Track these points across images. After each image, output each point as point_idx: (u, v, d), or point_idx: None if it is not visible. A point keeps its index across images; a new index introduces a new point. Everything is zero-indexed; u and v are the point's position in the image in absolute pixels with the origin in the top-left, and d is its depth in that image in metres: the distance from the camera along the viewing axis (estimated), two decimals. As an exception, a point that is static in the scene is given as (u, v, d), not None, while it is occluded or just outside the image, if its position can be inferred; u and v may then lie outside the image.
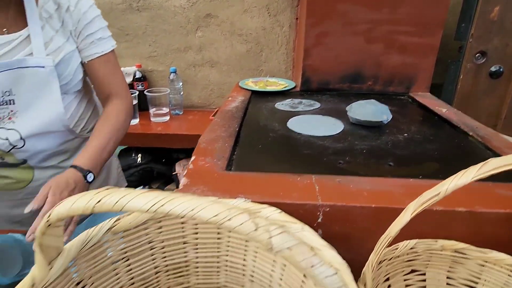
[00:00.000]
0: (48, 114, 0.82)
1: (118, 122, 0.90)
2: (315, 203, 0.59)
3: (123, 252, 0.53)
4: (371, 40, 1.35)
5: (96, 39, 0.87)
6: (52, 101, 0.82)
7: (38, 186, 0.85)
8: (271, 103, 1.23)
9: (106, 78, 0.91)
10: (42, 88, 0.80)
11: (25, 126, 0.79)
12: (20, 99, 0.78)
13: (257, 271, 0.57)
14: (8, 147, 0.79)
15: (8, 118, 0.78)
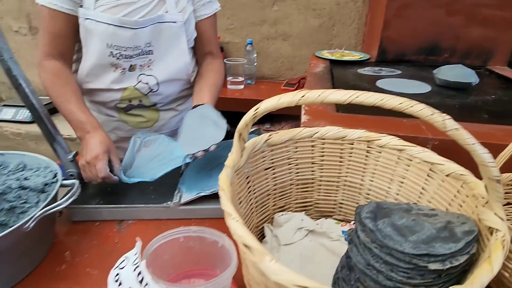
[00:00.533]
0: (177, 63, 0.96)
1: (221, 75, 1.05)
2: (426, 137, 0.69)
3: (271, 162, 0.66)
4: (452, 13, 1.39)
5: (206, 1, 0.97)
6: (181, 52, 0.95)
7: (161, 125, 1.04)
8: (353, 70, 1.32)
9: (210, 37, 1.02)
10: (174, 40, 0.93)
11: (160, 73, 0.94)
12: (157, 50, 0.92)
13: (373, 189, 0.68)
14: (147, 90, 0.95)
15: (147, 66, 0.93)
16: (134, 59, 0.91)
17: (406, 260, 0.43)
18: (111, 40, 0.85)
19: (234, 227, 0.40)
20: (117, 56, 0.88)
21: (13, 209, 0.62)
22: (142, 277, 0.44)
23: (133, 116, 1.01)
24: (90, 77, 0.92)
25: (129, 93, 0.95)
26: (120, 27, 0.84)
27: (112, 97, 0.96)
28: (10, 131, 2.08)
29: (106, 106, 1.00)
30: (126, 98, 0.96)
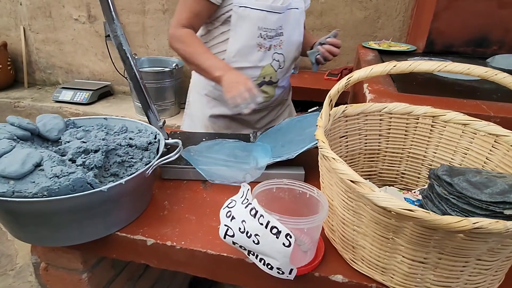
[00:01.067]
0: (297, 42, 1.15)
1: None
2: (488, 114, 0.75)
3: (345, 132, 0.74)
4: (503, 5, 1.41)
5: None
6: (300, 33, 1.14)
7: (273, 100, 1.22)
8: (402, 59, 1.37)
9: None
10: (296, 23, 1.12)
11: (287, 51, 1.13)
12: (285, 32, 1.10)
13: (436, 160, 0.75)
14: (277, 67, 1.13)
15: (279, 46, 1.11)
16: (273, 39, 1.08)
17: (483, 207, 0.50)
18: (262, 23, 1.03)
19: (342, 168, 0.48)
20: (264, 37, 1.06)
21: (122, 163, 0.73)
22: (255, 211, 0.53)
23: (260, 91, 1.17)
24: (237, 56, 1.08)
25: (265, 70, 1.12)
26: (269, 12, 1.02)
27: (253, 74, 1.11)
28: (69, 111, 2.26)
29: None
30: (263, 74, 1.13)
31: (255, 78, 1.12)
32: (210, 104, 1.23)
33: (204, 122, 1.25)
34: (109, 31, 0.77)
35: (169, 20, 2.27)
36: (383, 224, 0.48)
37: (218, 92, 1.19)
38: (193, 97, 1.29)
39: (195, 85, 1.28)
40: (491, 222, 0.39)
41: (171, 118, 2.27)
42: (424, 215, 0.41)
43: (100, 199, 0.58)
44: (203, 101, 1.24)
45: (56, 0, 2.38)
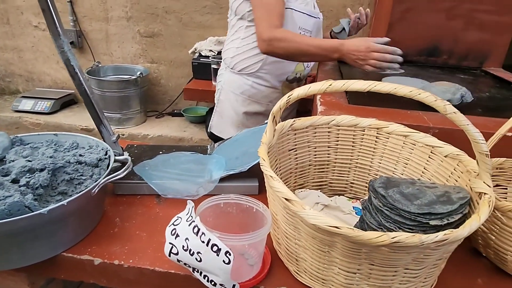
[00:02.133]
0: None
1: None
2: (428, 125, 0.79)
3: (294, 144, 0.76)
4: (451, 17, 1.49)
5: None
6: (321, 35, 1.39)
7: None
8: (359, 68, 1.42)
9: None
10: (319, 31, 1.35)
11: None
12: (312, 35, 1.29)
13: (381, 170, 0.79)
14: (306, 65, 1.35)
15: None
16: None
17: (412, 218, 0.53)
18: (302, 24, 1.21)
19: (277, 186, 0.50)
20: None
21: (71, 180, 0.72)
22: (197, 229, 0.54)
23: (289, 88, 1.31)
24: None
25: (298, 67, 1.31)
26: (308, 15, 1.22)
27: (288, 68, 1.29)
28: (30, 121, 2.18)
29: (278, 78, 1.31)
30: (296, 71, 1.31)
31: (290, 72, 1.31)
32: (245, 102, 1.35)
33: (236, 119, 1.38)
34: (56, 46, 0.76)
35: (133, 27, 2.24)
36: (318, 238, 0.50)
37: (254, 91, 1.33)
38: (225, 96, 1.39)
39: (228, 85, 1.37)
40: (408, 236, 0.42)
41: (137, 127, 2.23)
42: (348, 232, 0.43)
43: (41, 221, 0.57)
44: (238, 100, 1.35)
45: (14, 7, 2.29)
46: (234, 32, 1.32)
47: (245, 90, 1.32)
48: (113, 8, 2.19)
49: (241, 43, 1.28)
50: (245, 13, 1.23)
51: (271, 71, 1.29)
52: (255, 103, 1.34)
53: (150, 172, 0.84)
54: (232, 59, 1.32)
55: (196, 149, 0.98)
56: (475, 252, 0.68)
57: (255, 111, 1.35)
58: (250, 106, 1.34)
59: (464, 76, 1.39)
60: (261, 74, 1.29)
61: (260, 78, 1.30)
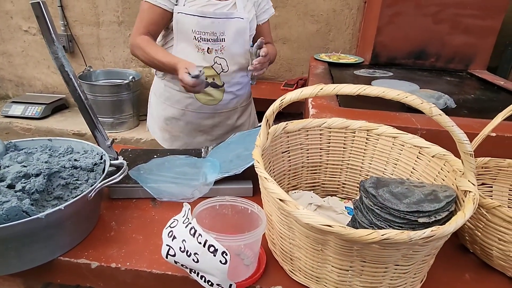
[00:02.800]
0: (242, 50, 1.23)
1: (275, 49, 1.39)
2: (416, 127, 0.82)
3: (287, 147, 0.78)
4: (438, 21, 1.54)
5: (266, 9, 1.28)
6: (245, 42, 1.22)
7: (222, 105, 1.28)
8: (349, 71, 1.45)
9: (267, 32, 1.34)
10: (240, 32, 1.20)
11: (229, 57, 1.21)
12: (228, 39, 1.18)
13: (372, 171, 0.81)
14: (220, 70, 1.20)
15: (220, 50, 1.19)
16: (211, 43, 1.18)
17: (401, 216, 0.56)
18: (195, 26, 1.15)
19: (272, 187, 0.52)
20: (199, 39, 1.16)
21: (67, 185, 0.72)
22: (194, 230, 0.55)
23: (204, 94, 1.24)
24: (180, 53, 1.17)
25: (207, 71, 1.20)
26: (200, 16, 1.14)
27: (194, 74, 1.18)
28: (20, 126, 2.16)
29: None
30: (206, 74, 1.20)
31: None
32: (162, 106, 1.31)
33: (161, 124, 1.34)
34: (50, 52, 0.76)
35: (124, 32, 2.25)
36: (312, 237, 0.52)
37: (167, 94, 1.28)
38: (152, 99, 1.38)
39: (153, 86, 1.36)
40: (397, 233, 0.44)
41: (130, 131, 2.23)
42: (340, 230, 0.45)
43: (39, 226, 0.57)
44: (157, 103, 1.33)
45: (3, 11, 2.27)
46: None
47: (160, 93, 1.31)
48: (104, 12, 2.19)
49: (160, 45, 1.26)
50: None
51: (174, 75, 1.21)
52: (170, 107, 1.29)
53: (145, 176, 0.85)
54: None
55: (190, 153, 0.99)
56: (463, 248, 0.71)
57: (171, 115, 1.30)
58: (166, 110, 1.30)
59: (451, 78, 1.43)
60: (169, 77, 1.26)
61: (170, 81, 1.26)
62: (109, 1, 2.16)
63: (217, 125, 1.33)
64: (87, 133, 2.12)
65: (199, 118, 1.30)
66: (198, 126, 1.31)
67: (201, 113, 1.29)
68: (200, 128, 1.32)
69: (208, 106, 1.27)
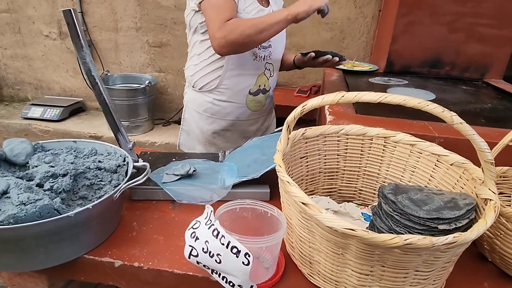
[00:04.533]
0: (281, 54, 1.33)
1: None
2: (433, 135, 0.83)
3: (305, 152, 0.80)
4: (453, 30, 1.54)
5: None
6: (283, 46, 1.32)
7: (264, 109, 1.35)
8: (364, 79, 1.46)
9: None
10: (280, 36, 1.19)
11: (274, 62, 1.28)
12: (273, 44, 1.24)
13: (389, 178, 0.82)
14: (269, 75, 1.28)
15: (268, 56, 1.24)
16: (262, 50, 1.21)
17: (421, 223, 0.56)
18: None
19: (294, 191, 0.53)
20: (259, 47, 1.19)
21: (91, 186, 0.75)
22: (217, 232, 0.57)
23: (254, 101, 1.29)
24: (235, 64, 1.19)
25: (260, 79, 1.25)
26: None
27: (249, 81, 1.24)
28: (39, 128, 2.22)
29: (239, 93, 1.25)
30: (258, 83, 1.26)
31: (252, 85, 1.25)
32: (208, 120, 1.29)
33: (202, 137, 1.32)
34: (78, 57, 0.80)
35: (141, 37, 2.30)
36: (332, 241, 0.53)
37: (216, 108, 1.26)
38: (189, 114, 1.33)
39: (191, 103, 1.31)
40: (419, 238, 0.45)
41: (145, 134, 2.27)
42: (363, 234, 0.46)
43: (68, 224, 0.59)
44: (201, 118, 1.30)
45: (26, 17, 2.35)
46: (191, 48, 1.26)
47: (207, 108, 1.27)
48: (123, 18, 2.25)
49: (198, 59, 1.22)
50: (198, 25, 1.16)
51: (230, 86, 1.22)
52: (220, 120, 1.28)
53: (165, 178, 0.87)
54: (192, 77, 1.27)
55: (208, 157, 1.01)
56: (481, 257, 0.71)
57: (221, 128, 1.29)
58: (215, 124, 1.29)
59: (466, 87, 1.42)
60: (221, 90, 1.23)
61: (221, 94, 1.23)
62: (127, 8, 2.22)
63: (258, 129, 1.38)
64: (103, 135, 2.16)
65: (247, 125, 1.33)
66: (244, 133, 1.33)
67: (249, 120, 1.32)
68: (245, 135, 1.33)
69: (254, 112, 1.31)
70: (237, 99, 1.25)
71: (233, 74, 1.20)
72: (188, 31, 1.24)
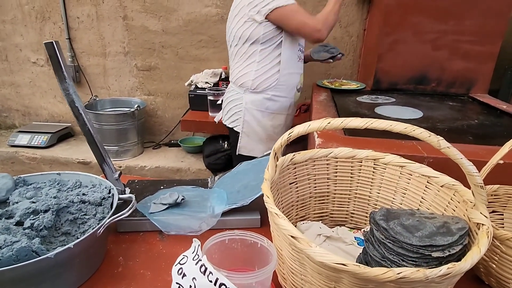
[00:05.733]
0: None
1: None
2: (422, 155, 0.82)
3: (294, 178, 0.78)
4: (437, 48, 1.57)
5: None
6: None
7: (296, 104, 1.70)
8: (352, 98, 1.47)
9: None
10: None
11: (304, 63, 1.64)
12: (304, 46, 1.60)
13: (380, 200, 0.81)
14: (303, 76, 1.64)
15: (302, 58, 1.61)
16: (302, 53, 1.59)
17: (414, 251, 0.55)
18: (301, 41, 1.55)
19: (283, 224, 0.51)
20: (301, 51, 1.58)
21: (75, 220, 0.72)
22: (204, 268, 0.54)
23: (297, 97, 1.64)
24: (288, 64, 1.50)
25: (301, 77, 1.61)
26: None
27: (297, 79, 1.57)
28: (26, 155, 2.18)
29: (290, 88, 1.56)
30: (300, 81, 1.61)
31: (298, 82, 1.58)
32: (270, 116, 1.56)
33: (264, 134, 1.57)
34: (61, 89, 0.78)
35: (130, 61, 2.30)
36: (324, 274, 0.51)
37: (276, 104, 1.54)
38: (250, 116, 1.56)
39: (252, 104, 1.54)
40: (412, 271, 0.43)
41: (135, 158, 2.24)
42: (355, 269, 0.44)
43: (47, 265, 0.57)
44: (264, 115, 1.55)
45: (13, 44, 2.34)
46: (247, 58, 1.49)
47: (269, 105, 1.53)
48: (111, 44, 2.26)
49: (259, 65, 1.47)
50: (260, 36, 1.42)
51: (286, 82, 1.52)
52: (279, 115, 1.56)
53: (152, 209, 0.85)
54: (253, 81, 1.50)
55: (197, 183, 0.99)
56: (477, 280, 0.69)
57: (278, 123, 1.58)
58: (275, 120, 1.56)
59: (453, 103, 1.44)
60: (278, 87, 1.51)
61: (278, 90, 1.51)
62: (115, 33, 2.23)
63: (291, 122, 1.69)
64: (92, 161, 2.13)
65: (291, 120, 1.67)
66: (288, 128, 1.59)
67: (291, 114, 1.66)
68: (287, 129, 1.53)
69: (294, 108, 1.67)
70: (289, 94, 1.56)
71: (286, 73, 1.50)
72: (240, 44, 1.48)
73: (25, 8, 2.23)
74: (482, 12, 1.49)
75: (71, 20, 2.22)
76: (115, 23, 2.19)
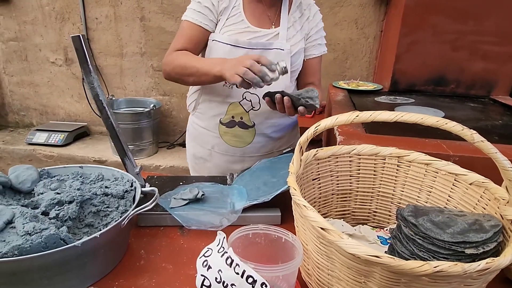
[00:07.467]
0: (282, 86, 1.01)
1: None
2: (448, 154, 0.80)
3: (317, 174, 0.77)
4: (456, 48, 1.54)
5: (317, 44, 1.14)
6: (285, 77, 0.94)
7: (253, 148, 1.14)
8: (370, 98, 1.45)
9: (314, 71, 1.19)
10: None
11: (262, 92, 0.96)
12: None
13: (404, 198, 0.79)
14: (249, 107, 1.07)
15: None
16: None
17: (446, 247, 0.53)
18: (227, 55, 1.01)
19: (312, 215, 0.51)
20: None
21: (98, 212, 0.72)
22: (231, 260, 0.54)
23: (230, 134, 1.13)
24: (207, 88, 1.10)
25: (233, 108, 1.08)
26: (234, 46, 1.02)
27: (219, 110, 1.10)
28: (43, 153, 2.21)
29: (212, 120, 1.14)
30: (230, 113, 1.10)
31: (223, 115, 1.11)
32: (191, 144, 1.25)
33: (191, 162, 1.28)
34: (86, 82, 0.79)
35: (146, 62, 2.33)
36: (354, 269, 0.50)
37: (195, 132, 1.21)
38: (187, 134, 1.30)
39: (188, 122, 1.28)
40: (450, 265, 0.42)
41: (149, 158, 2.26)
42: (389, 261, 0.43)
43: (74, 254, 0.57)
44: (189, 140, 1.27)
45: (33, 44, 2.40)
46: None
47: (191, 131, 1.24)
48: (128, 44, 2.29)
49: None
50: None
51: (204, 111, 1.15)
52: (199, 146, 1.21)
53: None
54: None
55: (215, 180, 0.99)
56: (508, 282, 0.67)
57: (200, 155, 1.22)
58: (196, 149, 1.23)
59: (474, 104, 1.41)
60: (198, 114, 1.18)
61: (198, 118, 1.18)
62: (132, 34, 2.26)
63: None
64: (107, 160, 2.15)
65: (227, 161, 1.18)
66: (226, 170, 1.15)
67: (228, 155, 1.17)
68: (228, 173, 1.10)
69: (236, 149, 1.15)
70: (210, 127, 1.15)
71: (205, 98, 1.13)
72: None
73: (46, 9, 2.28)
74: (502, 12, 1.46)
75: (90, 20, 2.26)
76: (133, 24, 2.22)
